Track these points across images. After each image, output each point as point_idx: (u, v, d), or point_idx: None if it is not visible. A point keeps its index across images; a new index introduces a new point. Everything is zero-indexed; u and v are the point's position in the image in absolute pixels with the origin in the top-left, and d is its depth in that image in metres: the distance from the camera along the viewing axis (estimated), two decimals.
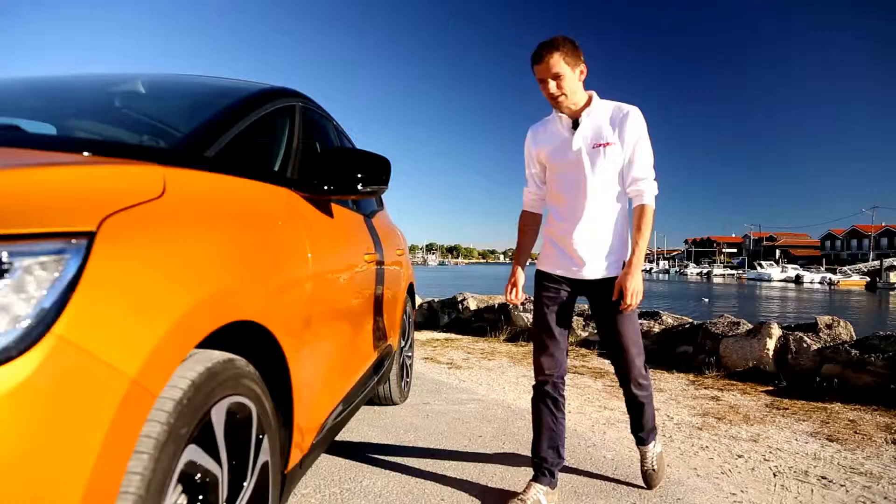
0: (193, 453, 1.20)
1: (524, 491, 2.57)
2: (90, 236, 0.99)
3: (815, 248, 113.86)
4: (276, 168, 2.02)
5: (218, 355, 1.32)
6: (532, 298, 2.82)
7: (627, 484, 2.86)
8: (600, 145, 2.48)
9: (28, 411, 0.83)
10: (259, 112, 1.99)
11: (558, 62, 2.40)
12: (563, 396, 2.65)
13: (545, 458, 2.63)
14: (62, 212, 1.00)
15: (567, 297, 2.62)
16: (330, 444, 3.35)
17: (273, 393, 1.60)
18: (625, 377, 2.68)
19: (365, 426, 3.69)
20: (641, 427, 2.81)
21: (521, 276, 2.72)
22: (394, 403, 4.11)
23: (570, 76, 2.43)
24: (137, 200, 1.17)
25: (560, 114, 2.56)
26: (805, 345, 5.33)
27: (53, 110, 1.97)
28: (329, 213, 2.29)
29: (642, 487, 2.82)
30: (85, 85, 2.26)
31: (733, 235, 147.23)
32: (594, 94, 2.55)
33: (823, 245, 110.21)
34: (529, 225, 2.80)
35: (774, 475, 3.05)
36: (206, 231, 1.35)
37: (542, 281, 2.67)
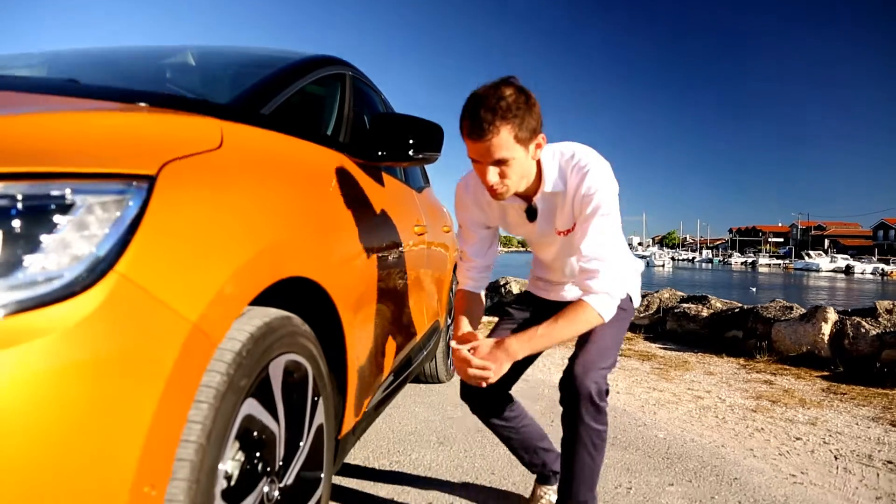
0: (252, 407, 1.18)
1: (532, 496, 2.27)
2: (150, 180, 0.97)
3: (867, 238, 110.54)
4: (329, 133, 1.99)
5: (275, 312, 1.29)
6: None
7: (682, 462, 2.79)
8: (562, 233, 1.88)
9: (93, 348, 0.81)
10: (311, 76, 1.97)
11: (507, 142, 1.60)
12: (507, 409, 2.10)
13: (528, 462, 2.19)
14: (122, 155, 0.98)
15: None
16: (379, 417, 3.35)
17: (327, 360, 1.58)
18: (571, 384, 1.77)
19: (412, 402, 3.67)
20: (572, 479, 1.85)
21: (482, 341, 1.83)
22: (440, 381, 4.08)
23: (521, 159, 1.67)
24: (196, 150, 1.15)
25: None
26: (863, 330, 5.15)
27: (106, 76, 1.97)
28: (380, 181, 2.26)
29: (698, 467, 2.74)
30: (135, 55, 2.27)
31: (780, 224, 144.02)
32: (542, 158, 1.78)
33: (875, 235, 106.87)
34: (472, 308, 2.02)
35: (836, 458, 2.95)
36: (263, 185, 1.32)
37: (527, 296, 2.23)
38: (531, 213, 1.89)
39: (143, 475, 0.86)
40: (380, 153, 2.04)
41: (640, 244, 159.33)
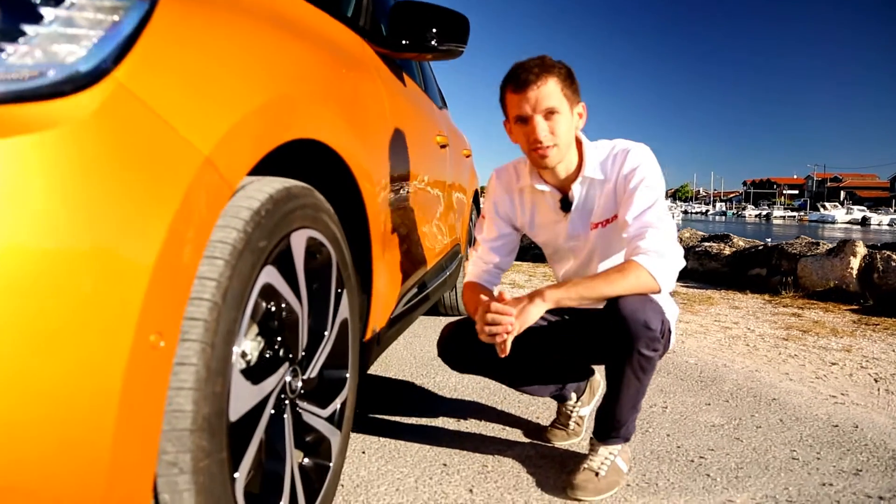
0: (272, 276, 1.05)
1: (558, 415, 2.07)
2: None
3: (884, 190, 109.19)
4: (349, 15, 1.83)
5: (296, 182, 1.16)
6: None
7: (716, 385, 2.68)
8: (599, 224, 1.76)
9: (84, 158, 0.67)
10: None
11: (555, 91, 1.59)
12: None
13: (530, 391, 1.99)
14: None
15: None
16: (400, 346, 3.26)
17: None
18: (618, 313, 1.56)
19: (432, 333, 3.57)
20: (614, 413, 1.69)
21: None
22: (460, 314, 3.98)
23: (566, 117, 1.63)
24: None
25: (541, 182, 1.76)
26: (894, 263, 4.97)
27: None
28: (402, 79, 2.11)
29: (733, 389, 2.63)
30: None
31: (795, 177, 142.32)
32: (584, 142, 1.74)
33: (893, 186, 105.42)
34: (479, 296, 1.75)
35: (875, 381, 2.83)
36: (281, 39, 1.17)
37: None
38: (566, 204, 1.77)
39: (148, 320, 0.73)
40: (403, 42, 1.88)
41: None
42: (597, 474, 1.65)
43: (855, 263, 5.19)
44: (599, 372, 2.06)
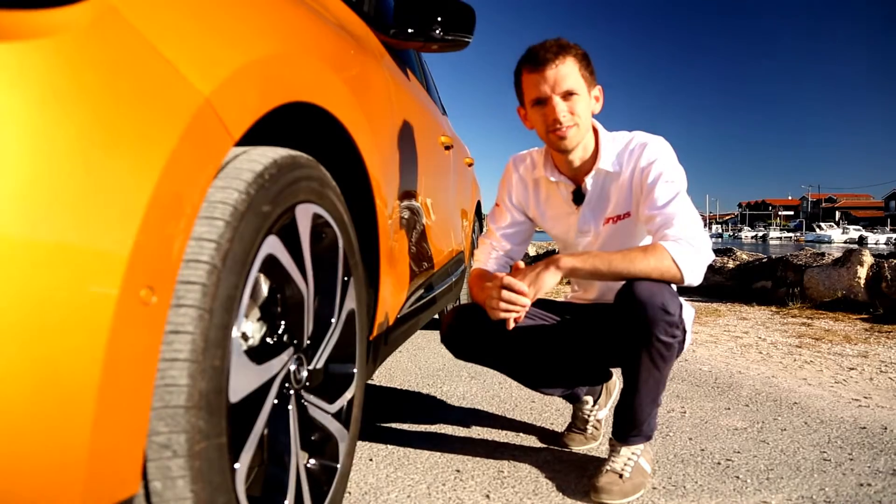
0: (276, 247, 0.96)
1: (575, 418, 1.97)
2: None
3: (879, 209, 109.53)
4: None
5: (301, 153, 1.08)
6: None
7: (733, 391, 2.58)
8: (611, 219, 1.70)
9: (66, 83, 0.58)
10: None
11: (573, 71, 1.56)
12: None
13: (541, 389, 1.86)
14: None
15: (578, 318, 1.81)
16: (404, 357, 3.16)
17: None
18: (633, 296, 1.46)
19: (436, 345, 3.48)
20: (633, 408, 1.58)
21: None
22: None
23: (585, 99, 1.59)
24: None
25: (555, 173, 1.72)
26: None
27: None
28: (406, 73, 2.04)
29: (752, 394, 2.53)
30: None
31: (790, 198, 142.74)
32: (600, 131, 1.68)
33: (888, 205, 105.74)
34: (487, 283, 1.63)
35: None
36: (288, 1, 1.10)
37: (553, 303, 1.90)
38: (578, 197, 1.72)
39: (138, 270, 0.64)
40: (408, 30, 1.81)
41: None
42: (621, 476, 1.55)
43: (862, 273, 5.12)
44: (616, 374, 1.97)
